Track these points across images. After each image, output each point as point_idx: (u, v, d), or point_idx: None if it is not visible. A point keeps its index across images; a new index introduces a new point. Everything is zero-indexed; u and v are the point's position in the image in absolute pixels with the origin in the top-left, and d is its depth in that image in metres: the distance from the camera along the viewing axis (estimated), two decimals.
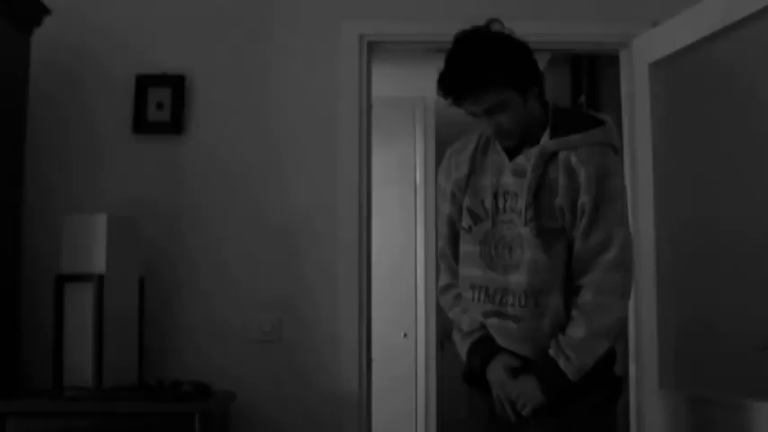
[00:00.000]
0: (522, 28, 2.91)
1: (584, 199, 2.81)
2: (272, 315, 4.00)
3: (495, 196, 2.91)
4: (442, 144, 7.01)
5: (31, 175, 3.88)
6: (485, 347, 2.96)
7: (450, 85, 2.78)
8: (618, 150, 2.94)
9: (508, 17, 2.90)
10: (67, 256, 3.62)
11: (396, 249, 6.56)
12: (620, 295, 2.84)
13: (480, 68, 2.75)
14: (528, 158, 2.85)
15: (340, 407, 3.97)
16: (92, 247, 3.59)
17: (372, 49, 4.20)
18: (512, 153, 2.91)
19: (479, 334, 2.98)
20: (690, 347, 3.68)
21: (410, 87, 6.51)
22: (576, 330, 2.79)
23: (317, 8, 4.15)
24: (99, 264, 3.57)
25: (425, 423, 6.53)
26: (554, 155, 2.85)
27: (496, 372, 2.94)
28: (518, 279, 2.85)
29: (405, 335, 6.51)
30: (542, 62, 5.56)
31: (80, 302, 3.57)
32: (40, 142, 3.99)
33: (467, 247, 2.97)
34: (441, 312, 6.69)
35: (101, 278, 3.54)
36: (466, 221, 2.97)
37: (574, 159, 2.82)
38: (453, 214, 3.03)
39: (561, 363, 2.79)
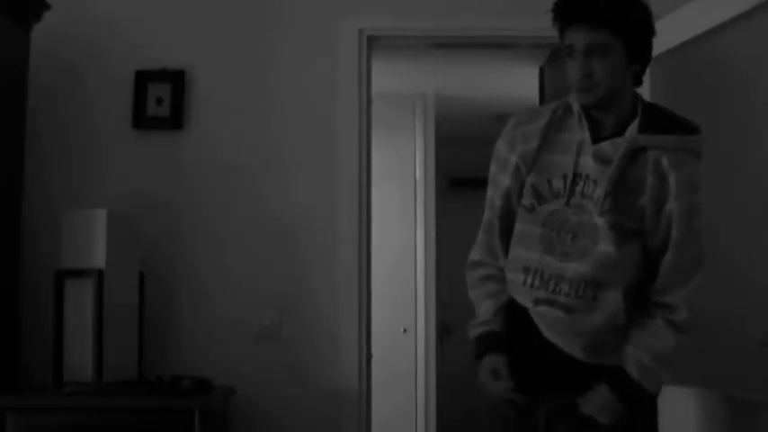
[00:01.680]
0: (526, 23, 2.90)
1: (672, 206, 2.66)
2: (272, 312, 4.00)
3: (570, 177, 2.71)
4: (443, 140, 7.06)
5: (31, 170, 3.88)
6: (488, 343, 2.83)
7: (567, 5, 2.65)
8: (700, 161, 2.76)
9: (514, 11, 2.89)
10: (67, 251, 3.61)
11: (396, 246, 6.56)
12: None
13: (606, 1, 2.61)
14: (615, 147, 2.67)
15: (339, 403, 3.97)
16: (91, 242, 3.59)
17: (372, 43, 4.20)
18: (593, 138, 2.71)
19: (488, 329, 2.84)
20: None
21: (410, 83, 6.51)
22: (666, 343, 2.65)
23: (316, 3, 4.15)
24: (99, 259, 3.56)
25: (425, 419, 6.54)
26: (642, 151, 2.67)
27: (482, 371, 2.81)
28: (579, 268, 2.67)
29: (404, 330, 6.51)
30: (544, 57, 5.59)
31: (80, 298, 3.56)
32: (40, 138, 3.98)
33: (525, 226, 2.77)
34: (440, 308, 6.75)
35: (101, 273, 3.53)
36: (528, 200, 2.77)
37: (665, 162, 2.65)
38: (513, 189, 2.82)
39: (638, 373, 2.66)
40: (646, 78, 3.72)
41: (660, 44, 3.73)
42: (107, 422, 3.41)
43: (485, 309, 2.87)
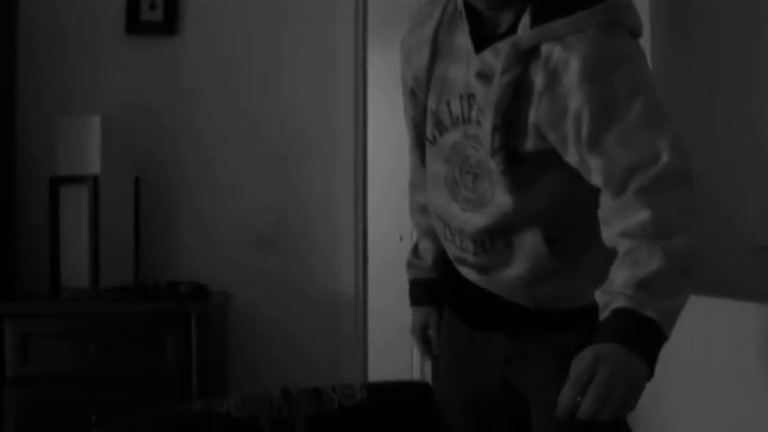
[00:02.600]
0: None
1: (575, 103, 1.82)
2: (268, 217, 4.00)
3: (465, 98, 2.01)
4: None
5: (24, 77, 3.85)
6: (423, 291, 2.37)
7: None
8: (636, 32, 1.93)
9: None
10: (62, 158, 3.60)
11: (392, 152, 6.51)
12: (690, 212, 1.78)
13: None
14: (497, 54, 1.92)
15: (336, 308, 3.99)
16: (86, 149, 3.57)
17: None
18: (481, 43, 1.97)
19: (424, 276, 2.37)
20: None
21: None
22: (647, 265, 1.69)
23: None
24: (94, 166, 3.55)
25: None
26: (536, 53, 1.88)
27: (413, 322, 2.37)
28: (478, 222, 2.02)
29: (401, 238, 6.50)
30: None
31: (75, 205, 3.56)
32: (33, 42, 3.94)
33: (432, 165, 2.13)
34: None
35: (96, 180, 3.52)
36: (430, 131, 2.11)
37: (558, 52, 1.84)
38: (417, 117, 2.19)
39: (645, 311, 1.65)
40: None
41: None
42: (104, 327, 3.42)
43: (423, 248, 2.37)
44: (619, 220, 1.77)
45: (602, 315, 1.69)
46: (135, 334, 3.43)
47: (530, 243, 1.99)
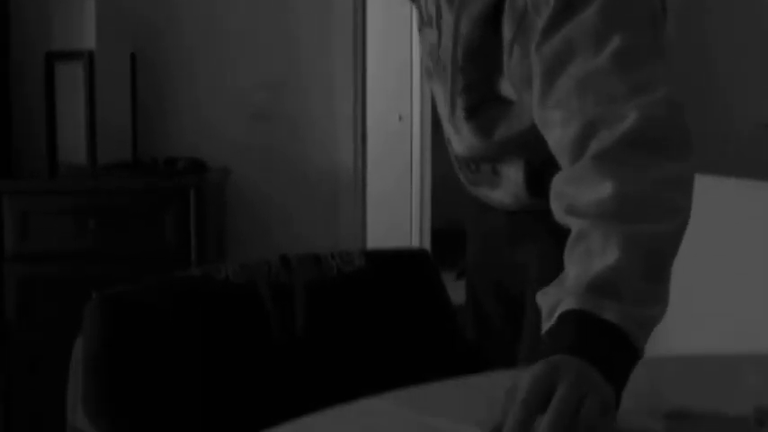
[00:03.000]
0: None
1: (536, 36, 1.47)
2: (267, 92, 3.96)
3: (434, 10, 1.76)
4: None
5: None
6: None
7: None
8: None
9: None
10: (57, 33, 3.55)
11: (391, 27, 6.43)
12: (673, 188, 1.30)
13: None
14: None
15: (335, 182, 3.98)
16: (81, 23, 3.52)
17: None
18: None
19: None
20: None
21: None
22: (602, 258, 1.22)
23: None
24: (89, 40, 3.51)
25: (420, 208, 6.54)
26: None
27: None
28: (456, 144, 1.85)
29: (400, 118, 6.46)
30: None
31: (71, 81, 3.52)
32: None
33: (425, 58, 1.88)
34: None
35: (91, 55, 3.48)
36: (418, 19, 1.88)
37: None
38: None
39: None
40: None
41: None
42: (102, 204, 3.42)
43: None
44: (569, 192, 1.33)
45: (545, 325, 1.24)
46: (134, 210, 3.43)
47: (512, 180, 1.79)
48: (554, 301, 1.23)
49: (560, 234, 1.34)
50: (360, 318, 1.69)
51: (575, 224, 1.29)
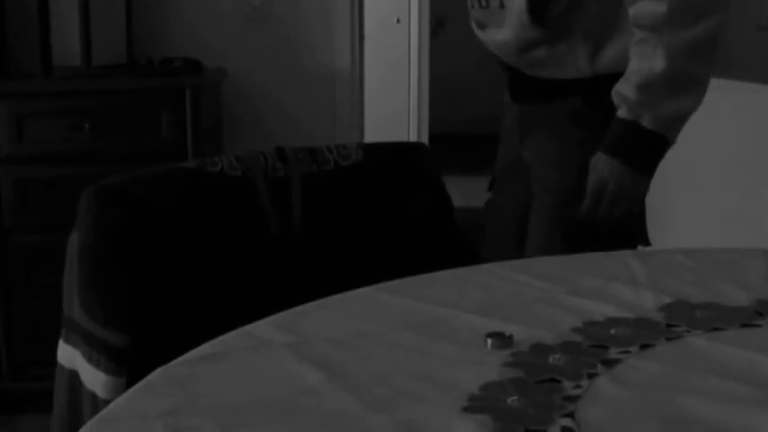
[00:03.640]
0: None
1: None
2: None
3: None
4: None
5: None
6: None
7: None
8: None
9: None
10: None
11: None
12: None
13: None
14: None
15: (332, 84, 3.94)
16: None
17: None
18: None
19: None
20: None
21: None
22: (651, 62, 1.81)
23: None
24: None
25: (418, 111, 6.50)
26: None
27: None
28: None
29: (398, 20, 6.39)
30: None
31: None
32: None
33: None
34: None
35: None
36: None
37: None
38: None
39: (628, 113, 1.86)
40: None
41: None
42: (98, 105, 3.38)
43: None
44: (635, 3, 1.82)
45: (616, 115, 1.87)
46: (129, 111, 3.39)
47: (516, 10, 1.95)
48: (617, 100, 1.85)
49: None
50: (357, 211, 1.68)
51: (636, 32, 1.81)
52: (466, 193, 5.37)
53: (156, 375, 1.10)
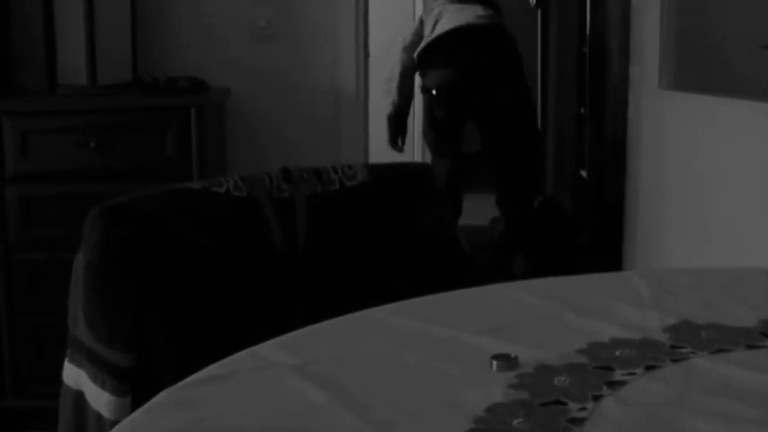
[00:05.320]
0: None
1: None
2: (268, 9, 3.91)
3: None
4: None
5: None
6: None
7: None
8: None
9: None
10: None
11: None
12: None
13: None
14: None
15: (337, 103, 3.95)
16: None
17: None
18: None
19: None
20: (689, 50, 3.63)
21: None
22: None
23: None
24: None
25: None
26: None
27: None
28: None
29: (403, 41, 6.38)
30: None
31: None
32: None
33: None
34: None
35: None
36: None
37: None
38: None
39: None
40: None
41: None
42: (103, 123, 3.39)
43: None
44: None
45: None
46: (134, 130, 3.40)
47: None
48: None
49: None
50: (362, 231, 1.68)
51: None
52: (469, 210, 5.37)
53: (161, 397, 1.10)
